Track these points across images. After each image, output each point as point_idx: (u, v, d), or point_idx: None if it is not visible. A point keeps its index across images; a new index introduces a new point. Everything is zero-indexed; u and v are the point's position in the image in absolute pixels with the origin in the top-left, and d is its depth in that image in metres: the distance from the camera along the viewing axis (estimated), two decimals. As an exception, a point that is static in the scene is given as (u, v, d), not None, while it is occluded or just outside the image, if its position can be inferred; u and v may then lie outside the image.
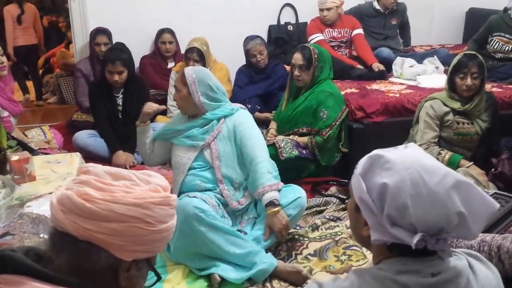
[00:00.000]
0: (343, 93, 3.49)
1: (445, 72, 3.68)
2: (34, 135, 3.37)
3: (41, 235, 1.68)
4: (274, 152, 3.01)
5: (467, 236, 0.99)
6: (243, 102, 3.04)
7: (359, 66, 4.18)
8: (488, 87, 3.37)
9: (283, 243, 2.48)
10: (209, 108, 2.45)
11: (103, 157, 3.50)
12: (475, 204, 0.95)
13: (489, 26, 4.09)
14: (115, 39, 4.25)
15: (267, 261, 2.23)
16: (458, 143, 2.96)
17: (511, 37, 3.99)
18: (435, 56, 4.18)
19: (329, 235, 2.62)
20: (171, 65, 4.40)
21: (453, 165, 2.79)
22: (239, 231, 2.36)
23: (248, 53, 3.98)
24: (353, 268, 1.99)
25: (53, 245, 0.92)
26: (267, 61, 4.00)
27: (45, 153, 2.91)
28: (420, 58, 4.24)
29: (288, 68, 3.61)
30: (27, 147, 2.81)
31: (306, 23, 4.55)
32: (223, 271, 2.22)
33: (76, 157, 2.57)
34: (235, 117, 2.48)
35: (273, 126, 3.44)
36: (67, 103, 6.03)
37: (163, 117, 3.91)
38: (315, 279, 1.75)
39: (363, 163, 1.02)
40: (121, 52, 3.61)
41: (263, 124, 3.59)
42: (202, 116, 2.46)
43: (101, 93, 3.58)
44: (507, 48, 4.01)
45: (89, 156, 3.39)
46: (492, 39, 4.06)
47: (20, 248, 0.93)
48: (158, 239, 0.95)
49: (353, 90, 3.70)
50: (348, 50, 4.39)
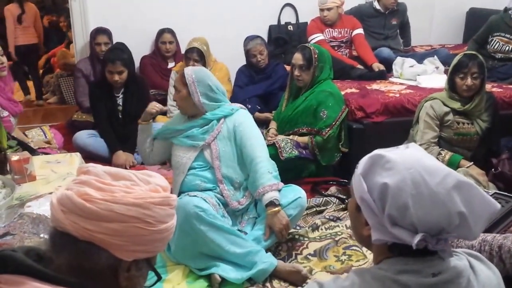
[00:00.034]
0: (343, 93, 3.49)
1: (445, 72, 3.69)
2: (34, 135, 3.36)
3: (41, 235, 1.68)
4: (274, 152, 3.01)
5: (468, 236, 0.99)
6: (243, 102, 3.05)
7: (359, 66, 4.18)
8: (488, 87, 3.37)
9: (283, 243, 2.48)
10: (209, 108, 2.45)
11: (103, 157, 3.50)
12: (476, 205, 0.95)
13: (489, 26, 4.09)
14: (115, 39, 4.24)
15: (267, 260, 2.23)
16: (458, 143, 2.96)
17: (511, 37, 3.99)
18: (435, 56, 4.18)
19: (329, 235, 2.62)
20: (171, 65, 4.40)
21: (453, 165, 2.79)
22: (239, 231, 2.35)
23: (248, 53, 3.97)
24: (353, 268, 2.00)
25: (53, 245, 0.92)
26: (267, 61, 4.00)
27: (45, 153, 2.91)
28: (420, 58, 4.24)
29: (288, 68, 3.61)
30: (27, 147, 2.80)
31: (307, 23, 4.55)
32: (223, 271, 2.22)
33: (76, 157, 2.57)
34: (235, 117, 2.48)
35: (273, 126, 3.44)
36: (67, 103, 6.02)
37: (163, 117, 3.91)
38: (315, 279, 1.75)
39: (364, 163, 1.02)
40: (121, 52, 3.61)
41: (263, 124, 3.59)
42: (202, 116, 2.46)
43: (101, 93, 3.57)
44: (507, 48, 4.01)
45: (89, 156, 3.39)
46: (492, 39, 4.06)
47: (21, 248, 0.93)
48: (158, 239, 0.95)
49: (353, 90, 3.70)
50: (348, 50, 4.39)
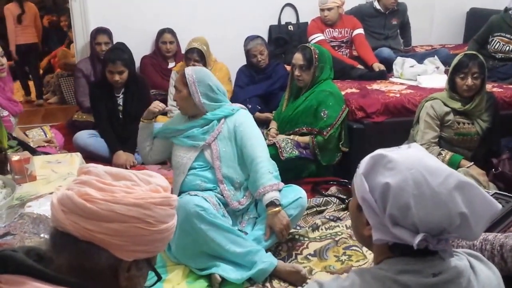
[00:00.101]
0: (343, 93, 3.49)
1: (446, 72, 3.69)
2: (35, 135, 3.35)
3: (42, 235, 1.68)
4: (274, 152, 3.01)
5: (468, 237, 0.99)
6: (243, 102, 3.05)
7: (360, 66, 4.18)
8: (488, 87, 3.37)
9: (284, 243, 2.48)
10: (209, 109, 2.45)
11: (104, 157, 3.50)
12: (477, 205, 0.95)
13: (489, 26, 4.09)
14: (115, 39, 4.24)
15: (267, 260, 2.23)
16: (459, 143, 2.96)
17: (511, 37, 3.99)
18: (435, 56, 4.18)
19: (329, 235, 2.62)
20: (171, 65, 4.40)
21: (453, 166, 2.78)
22: (239, 231, 2.35)
23: (248, 53, 3.97)
24: (353, 268, 1.99)
25: (53, 245, 0.92)
26: (268, 61, 4.00)
27: (45, 152, 2.91)
28: (420, 58, 4.24)
29: (288, 68, 3.61)
30: (28, 147, 2.80)
31: (307, 23, 4.55)
32: (223, 271, 2.22)
33: (77, 157, 2.57)
34: (235, 117, 2.48)
35: (273, 126, 3.44)
36: (68, 103, 6.03)
37: (163, 117, 3.90)
38: (315, 279, 1.75)
39: (365, 162, 1.02)
40: (122, 52, 3.61)
41: (263, 124, 3.58)
42: (203, 116, 2.46)
43: (102, 93, 3.57)
44: (507, 48, 4.01)
45: (90, 156, 3.39)
46: (493, 39, 4.06)
47: (21, 248, 0.93)
48: (158, 239, 0.95)
49: (353, 90, 3.69)
50: (348, 50, 4.39)
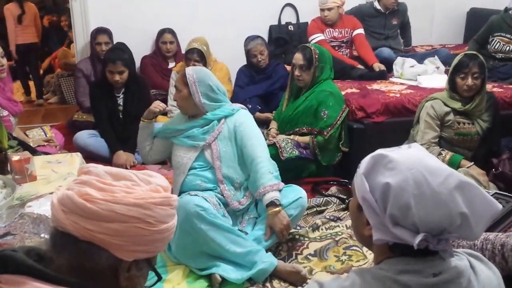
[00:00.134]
0: (343, 93, 3.49)
1: (446, 72, 3.69)
2: (35, 135, 3.36)
3: (42, 235, 1.67)
4: (274, 152, 3.01)
5: (469, 237, 0.99)
6: (243, 102, 3.05)
7: (360, 66, 4.18)
8: (489, 87, 3.37)
9: (284, 243, 2.48)
10: (210, 109, 2.45)
11: (104, 157, 3.50)
12: (478, 205, 0.95)
13: (490, 26, 4.09)
14: (116, 39, 4.24)
15: (267, 260, 2.23)
16: (459, 143, 2.96)
17: (511, 37, 3.99)
18: (435, 56, 4.18)
19: (329, 235, 2.62)
20: (171, 65, 4.40)
21: (453, 165, 2.78)
22: (240, 231, 2.35)
23: (249, 53, 3.97)
24: (353, 268, 1.99)
25: (54, 245, 0.92)
26: (268, 61, 4.00)
27: (45, 152, 2.90)
28: (420, 58, 4.24)
29: (288, 68, 3.61)
30: (28, 147, 2.80)
31: (307, 23, 4.55)
32: (223, 271, 2.22)
33: (77, 157, 2.57)
34: (235, 117, 2.48)
35: (273, 126, 3.44)
36: (68, 103, 6.03)
37: (163, 117, 3.91)
38: (315, 279, 1.74)
39: (366, 162, 1.02)
40: (122, 52, 3.61)
41: (263, 124, 3.58)
42: (203, 116, 2.45)
43: (102, 93, 3.57)
44: (507, 48, 4.01)
45: (90, 156, 3.38)
46: (493, 39, 4.06)
47: (21, 248, 0.93)
48: (158, 239, 0.95)
49: (353, 90, 3.69)
50: (349, 50, 4.39)
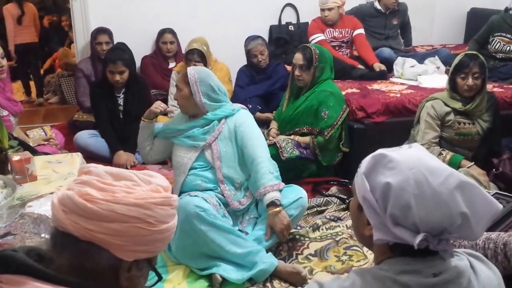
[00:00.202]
0: (344, 93, 3.49)
1: (446, 72, 3.69)
2: (36, 135, 3.36)
3: (42, 235, 1.67)
4: (275, 152, 3.01)
5: (469, 237, 0.99)
6: (244, 102, 3.05)
7: (360, 66, 4.18)
8: (489, 87, 3.36)
9: (284, 243, 2.48)
10: (210, 109, 2.45)
11: (104, 157, 3.50)
12: (478, 205, 0.95)
13: (490, 26, 4.09)
14: (116, 39, 4.24)
15: (267, 261, 2.23)
16: (459, 143, 2.96)
17: (512, 37, 4.00)
18: (436, 56, 4.18)
19: (329, 235, 2.62)
20: (172, 65, 4.40)
21: (454, 166, 2.78)
22: (240, 231, 2.35)
23: (249, 53, 3.97)
24: (353, 268, 1.99)
25: (54, 245, 0.92)
26: (268, 61, 4.00)
27: (45, 152, 2.90)
28: (421, 58, 4.24)
29: (289, 68, 3.60)
30: (28, 147, 2.80)
31: (307, 23, 4.55)
32: (224, 271, 2.22)
33: (77, 157, 2.57)
34: (236, 117, 2.48)
35: (274, 126, 3.44)
36: (68, 103, 6.03)
37: (163, 117, 3.91)
38: (316, 279, 1.75)
39: (366, 162, 1.02)
40: (122, 52, 3.61)
41: (264, 124, 3.58)
42: (203, 116, 2.46)
43: (102, 93, 3.57)
44: (508, 48, 4.01)
45: (90, 156, 3.39)
46: (493, 39, 4.06)
47: (22, 248, 0.93)
48: (159, 239, 0.95)
49: (354, 90, 3.69)
50: (349, 50, 4.38)
